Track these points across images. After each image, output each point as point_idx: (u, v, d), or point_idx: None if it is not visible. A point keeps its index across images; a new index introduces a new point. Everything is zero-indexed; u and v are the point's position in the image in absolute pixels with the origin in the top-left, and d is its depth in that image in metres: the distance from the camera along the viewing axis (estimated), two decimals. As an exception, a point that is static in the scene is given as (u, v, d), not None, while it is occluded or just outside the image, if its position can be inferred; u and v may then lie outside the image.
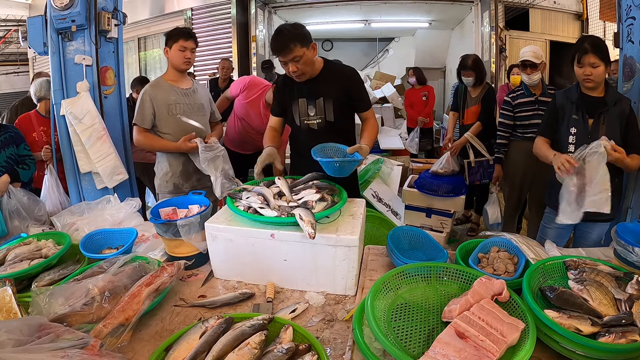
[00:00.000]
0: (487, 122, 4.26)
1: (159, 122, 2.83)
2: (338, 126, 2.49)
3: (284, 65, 2.32)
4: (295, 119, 2.54)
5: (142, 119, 2.79)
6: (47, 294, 1.45)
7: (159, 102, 2.80)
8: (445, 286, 1.56)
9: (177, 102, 2.86)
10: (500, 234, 1.92)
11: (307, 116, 2.49)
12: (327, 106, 2.45)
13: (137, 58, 9.24)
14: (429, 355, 1.16)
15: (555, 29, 7.82)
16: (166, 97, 2.82)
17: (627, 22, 3.01)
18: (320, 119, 2.48)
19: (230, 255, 1.85)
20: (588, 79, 2.36)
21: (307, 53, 2.28)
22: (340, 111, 2.47)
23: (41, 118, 3.70)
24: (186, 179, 2.95)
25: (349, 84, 2.46)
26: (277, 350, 1.22)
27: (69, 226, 2.31)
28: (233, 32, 7.82)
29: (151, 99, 2.79)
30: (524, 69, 3.52)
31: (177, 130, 2.84)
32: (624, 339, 1.22)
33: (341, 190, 2.06)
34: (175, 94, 2.87)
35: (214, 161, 2.69)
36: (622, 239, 1.67)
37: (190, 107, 2.92)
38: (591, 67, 2.34)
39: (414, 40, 10.73)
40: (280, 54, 2.26)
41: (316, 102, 2.45)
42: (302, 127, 2.52)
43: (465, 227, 5.21)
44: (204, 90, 3.13)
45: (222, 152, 2.74)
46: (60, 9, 3.26)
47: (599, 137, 2.30)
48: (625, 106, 2.41)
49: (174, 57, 2.83)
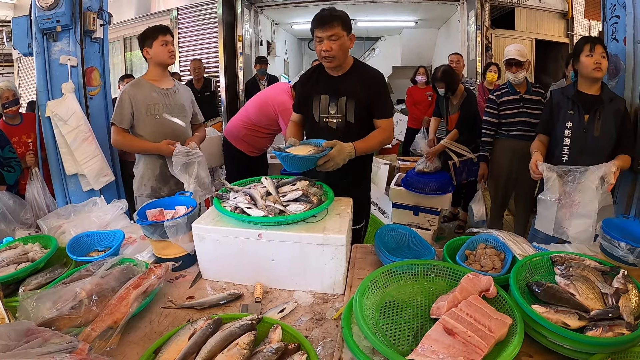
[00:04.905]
0: (467, 127, 4.32)
1: (137, 123, 2.79)
2: (357, 128, 2.42)
3: (319, 43, 2.29)
4: (314, 115, 2.49)
5: (121, 119, 2.74)
6: (34, 298, 1.43)
7: (138, 101, 2.75)
8: (433, 283, 1.57)
9: (157, 102, 2.82)
10: (487, 231, 1.93)
11: (327, 114, 2.45)
12: (349, 106, 2.40)
13: (122, 58, 9.17)
14: (418, 352, 1.16)
15: (540, 28, 7.90)
16: (146, 97, 2.78)
17: (612, 21, 3.06)
18: (341, 119, 2.43)
19: (218, 256, 1.84)
20: (599, 67, 2.44)
21: (345, 38, 2.29)
22: (361, 113, 2.42)
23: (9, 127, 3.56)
24: (164, 183, 2.91)
25: (375, 88, 2.42)
26: (266, 350, 1.22)
27: (56, 229, 2.29)
28: (219, 31, 7.79)
29: (130, 98, 2.74)
30: (509, 68, 3.56)
31: (156, 131, 2.80)
32: (611, 333, 1.24)
33: (328, 190, 2.07)
34: (156, 94, 2.83)
35: (188, 167, 2.66)
36: (607, 234, 1.69)
37: (170, 108, 2.88)
38: (601, 57, 2.43)
39: (401, 39, 10.78)
40: (321, 27, 2.25)
41: (338, 101, 2.42)
42: (320, 124, 2.48)
43: (452, 224, 5.26)
44: (185, 91, 3.08)
45: (199, 159, 2.71)
46: (45, 9, 3.23)
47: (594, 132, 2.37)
48: (620, 105, 2.49)
49: (158, 54, 2.79)
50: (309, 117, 2.54)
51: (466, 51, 7.49)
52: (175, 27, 7.98)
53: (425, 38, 10.33)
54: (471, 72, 7.26)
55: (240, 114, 4.03)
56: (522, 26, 7.76)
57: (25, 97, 8.64)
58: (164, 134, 2.80)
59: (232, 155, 4.04)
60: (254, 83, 7.06)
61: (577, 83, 2.59)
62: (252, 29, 8.42)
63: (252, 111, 3.90)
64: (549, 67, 7.92)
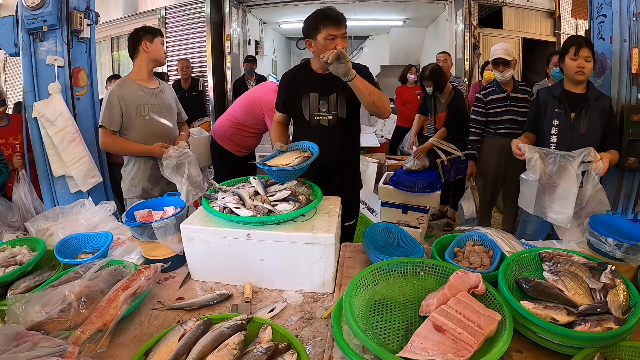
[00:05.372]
0: (455, 126, 4.34)
1: (127, 124, 2.73)
2: (348, 122, 2.50)
3: (331, 41, 2.29)
4: (304, 114, 2.50)
5: (110, 121, 2.67)
6: (23, 301, 1.41)
7: (127, 102, 2.70)
8: (422, 281, 1.58)
9: (146, 102, 2.78)
10: (475, 228, 1.95)
11: (317, 112, 2.47)
12: (340, 102, 2.44)
13: (110, 58, 9.08)
14: (408, 349, 1.17)
15: (528, 27, 7.96)
16: (134, 97, 2.73)
17: (599, 20, 3.11)
18: (332, 115, 2.46)
19: (207, 257, 1.83)
20: (581, 71, 2.48)
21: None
22: (352, 108, 2.48)
23: None
24: (155, 183, 2.88)
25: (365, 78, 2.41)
26: (256, 350, 1.22)
27: (44, 231, 2.27)
28: (207, 31, 7.72)
29: (119, 99, 2.68)
30: (496, 66, 3.58)
31: (146, 132, 2.77)
32: (600, 327, 1.25)
33: (316, 189, 2.07)
34: (144, 94, 2.78)
35: (179, 168, 2.64)
36: (595, 230, 1.70)
37: (158, 107, 2.85)
38: (584, 61, 2.46)
39: (389, 38, 10.81)
40: (336, 25, 2.27)
41: (329, 98, 2.44)
42: (312, 123, 2.49)
43: (441, 222, 5.28)
44: (170, 90, 3.06)
45: (189, 158, 2.69)
46: (31, 9, 3.19)
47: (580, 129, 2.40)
48: (605, 103, 2.52)
49: (157, 50, 2.78)
50: (298, 116, 2.54)
51: (454, 50, 7.51)
52: (162, 27, 7.91)
53: (413, 37, 10.34)
54: (459, 71, 7.28)
55: (227, 114, 4.02)
56: (510, 25, 7.81)
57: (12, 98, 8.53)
58: (153, 134, 2.77)
59: (220, 155, 4.02)
60: (242, 83, 7.02)
61: (563, 82, 2.62)
62: (240, 28, 8.38)
63: (238, 111, 3.88)
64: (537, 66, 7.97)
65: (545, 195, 2.33)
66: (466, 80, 6.99)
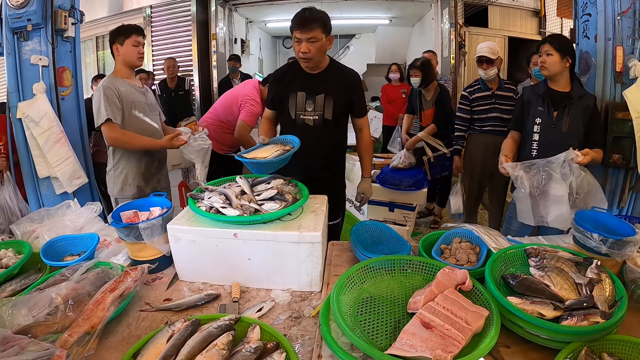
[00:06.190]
0: (444, 122, 4.38)
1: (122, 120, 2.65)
2: (333, 125, 2.51)
3: (297, 44, 2.31)
4: (290, 112, 2.51)
5: (115, 114, 2.57)
6: (9, 305, 1.39)
7: (123, 97, 2.64)
8: (409, 278, 1.59)
9: (139, 100, 2.75)
10: (461, 225, 1.96)
11: (303, 111, 2.48)
12: (327, 104, 2.45)
13: (95, 58, 8.98)
14: (396, 346, 1.18)
15: (513, 26, 8.01)
16: (128, 93, 2.68)
17: (583, 19, 3.16)
18: (318, 116, 2.48)
19: (194, 257, 1.82)
20: (542, 65, 2.55)
21: (324, 40, 2.33)
22: (339, 111, 2.49)
23: None
24: (148, 181, 2.85)
25: (353, 87, 2.51)
26: (245, 350, 1.22)
27: (29, 234, 2.24)
28: (193, 30, 7.68)
29: (116, 92, 2.60)
30: (481, 65, 3.63)
31: (137, 130, 2.70)
32: (586, 322, 1.27)
33: (302, 188, 2.07)
34: (134, 92, 2.75)
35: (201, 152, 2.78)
36: (580, 225, 1.72)
37: (148, 106, 2.82)
38: (545, 55, 2.52)
39: (375, 36, 10.82)
40: (300, 29, 2.27)
41: (316, 98, 2.45)
42: (297, 121, 2.51)
43: (428, 219, 5.31)
44: (151, 91, 3.04)
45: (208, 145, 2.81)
46: (15, 8, 3.15)
47: (562, 128, 2.44)
48: (590, 101, 2.56)
49: (128, 53, 2.69)
50: (285, 114, 2.55)
51: (440, 49, 7.56)
52: (148, 26, 7.86)
53: (399, 36, 10.38)
54: (445, 70, 7.32)
55: (209, 112, 4.05)
56: (495, 24, 7.85)
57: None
58: (144, 132, 2.73)
59: None
60: (227, 82, 6.99)
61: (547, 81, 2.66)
62: (226, 27, 8.34)
63: (220, 108, 3.93)
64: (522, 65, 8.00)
65: (540, 206, 2.36)
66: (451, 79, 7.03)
